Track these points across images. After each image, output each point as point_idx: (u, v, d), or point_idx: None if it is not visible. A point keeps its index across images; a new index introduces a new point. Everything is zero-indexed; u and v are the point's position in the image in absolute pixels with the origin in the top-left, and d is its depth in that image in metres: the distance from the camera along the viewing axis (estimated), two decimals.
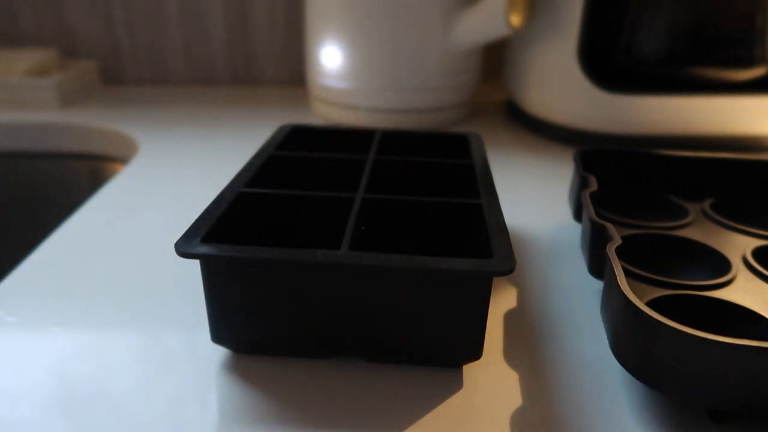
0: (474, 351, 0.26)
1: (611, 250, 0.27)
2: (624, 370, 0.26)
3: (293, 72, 0.76)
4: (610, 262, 0.26)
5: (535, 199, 0.45)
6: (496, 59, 0.72)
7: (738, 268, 0.30)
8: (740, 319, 0.26)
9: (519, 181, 0.48)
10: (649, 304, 0.27)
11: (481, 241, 0.27)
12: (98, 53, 0.76)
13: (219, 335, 0.26)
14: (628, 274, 0.29)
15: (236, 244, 0.25)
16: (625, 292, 0.23)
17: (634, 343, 0.23)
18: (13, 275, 0.34)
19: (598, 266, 0.30)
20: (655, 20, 0.52)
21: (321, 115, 0.63)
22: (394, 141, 0.40)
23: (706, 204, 0.37)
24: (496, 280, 0.34)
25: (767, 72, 0.52)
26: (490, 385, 0.26)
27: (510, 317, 0.31)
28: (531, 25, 0.56)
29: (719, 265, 0.31)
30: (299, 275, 0.25)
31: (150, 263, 0.35)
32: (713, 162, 0.39)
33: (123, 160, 0.60)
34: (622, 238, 0.29)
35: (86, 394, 0.25)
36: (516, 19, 0.52)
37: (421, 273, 0.24)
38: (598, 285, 0.33)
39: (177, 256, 0.25)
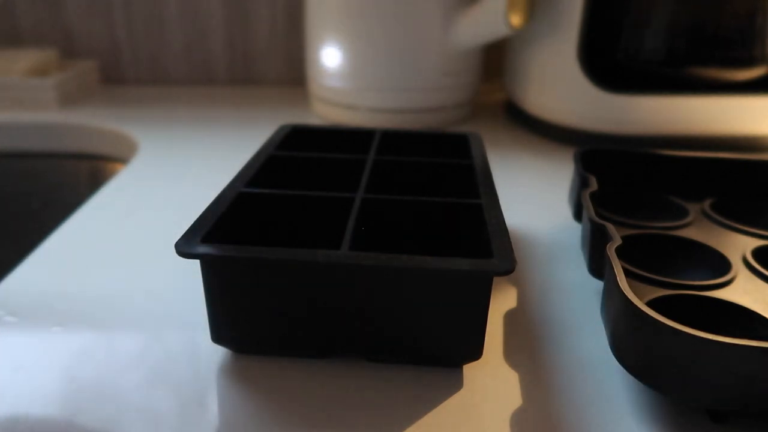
0: (474, 351, 0.26)
1: (611, 250, 0.27)
2: (624, 370, 0.26)
3: (293, 72, 0.76)
4: (610, 262, 0.26)
5: (535, 199, 0.45)
6: (496, 59, 0.72)
7: (738, 268, 0.30)
8: (740, 319, 0.26)
9: (519, 181, 0.48)
10: (649, 304, 0.27)
11: (481, 241, 0.27)
12: (98, 53, 0.76)
13: (219, 335, 0.26)
14: (628, 274, 0.29)
15: (236, 244, 0.25)
16: (625, 292, 0.23)
17: (634, 343, 0.23)
18: (13, 275, 0.34)
19: (598, 266, 0.30)
20: (655, 20, 0.52)
21: (321, 115, 0.63)
22: (394, 141, 0.40)
23: (706, 204, 0.37)
24: (496, 280, 0.34)
25: (767, 72, 0.52)
26: (490, 385, 0.26)
27: (510, 317, 0.31)
28: (531, 25, 0.56)
29: (719, 265, 0.31)
30: (299, 275, 0.25)
31: (150, 263, 0.35)
32: (713, 162, 0.39)
33: (123, 160, 0.60)
34: (622, 238, 0.29)
35: (86, 394, 0.25)
36: (516, 19, 0.52)
37: (421, 273, 0.24)
38: (598, 285, 0.33)
39: (177, 256, 0.25)
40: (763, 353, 0.20)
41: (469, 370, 0.27)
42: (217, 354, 0.27)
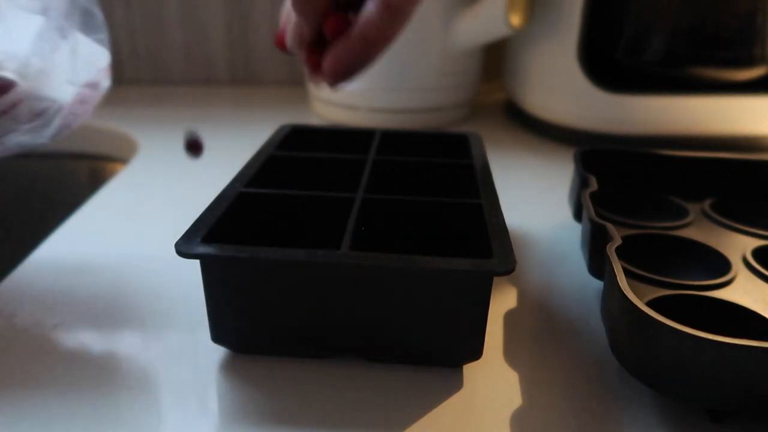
0: (474, 351, 0.26)
1: (611, 250, 0.27)
2: (624, 370, 0.26)
3: (293, 72, 0.76)
4: (610, 262, 0.26)
5: (535, 199, 0.45)
6: (496, 59, 0.72)
7: (738, 268, 0.30)
8: (740, 319, 0.26)
9: (519, 181, 0.48)
10: (649, 304, 0.27)
11: (481, 241, 0.27)
12: None
13: (219, 335, 0.26)
14: (628, 274, 0.29)
15: (236, 244, 0.25)
16: (625, 292, 0.23)
17: (634, 343, 0.23)
18: (13, 275, 0.34)
19: (598, 266, 0.30)
20: (655, 20, 0.52)
21: (321, 115, 0.63)
22: (394, 141, 0.40)
23: (706, 204, 0.37)
24: (496, 280, 0.34)
25: (767, 72, 0.52)
26: (490, 385, 0.26)
27: (510, 317, 0.31)
28: (531, 25, 0.56)
29: (719, 265, 0.31)
30: (299, 275, 0.25)
31: (150, 263, 0.35)
32: (713, 162, 0.39)
33: (123, 160, 0.60)
34: (622, 238, 0.29)
35: (86, 394, 0.25)
36: (516, 19, 0.52)
37: (422, 273, 0.24)
38: (598, 285, 0.33)
39: (177, 256, 0.25)
40: (763, 353, 0.20)
41: (469, 370, 0.27)
42: (217, 354, 0.27)
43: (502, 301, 0.32)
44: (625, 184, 0.40)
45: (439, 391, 0.25)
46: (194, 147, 0.48)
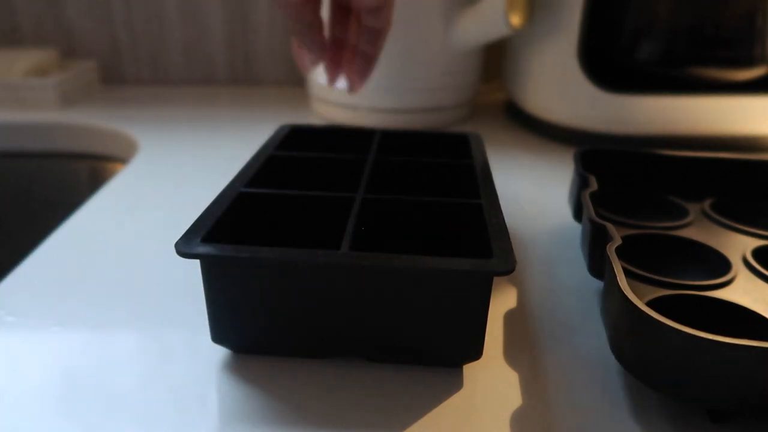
0: (474, 351, 0.26)
1: (611, 250, 0.27)
2: (624, 370, 0.26)
3: (293, 72, 0.76)
4: (610, 262, 0.26)
5: (535, 199, 0.45)
6: (496, 59, 0.72)
7: (738, 268, 0.30)
8: (740, 319, 0.26)
9: (519, 181, 0.48)
10: (649, 304, 0.27)
11: (481, 241, 0.27)
12: (98, 53, 0.75)
13: (219, 335, 0.26)
14: (628, 274, 0.29)
15: (236, 244, 0.25)
16: (625, 292, 0.23)
17: (634, 343, 0.23)
18: (13, 275, 0.34)
19: (598, 266, 0.30)
20: (655, 20, 0.52)
21: (321, 115, 0.63)
22: (394, 141, 0.40)
23: (706, 204, 0.37)
24: (496, 280, 0.34)
25: (767, 72, 0.52)
26: (490, 385, 0.26)
27: (510, 317, 0.31)
28: (531, 25, 0.56)
29: (719, 265, 0.31)
30: (299, 275, 0.25)
31: (150, 263, 0.35)
32: (713, 162, 0.39)
33: (123, 160, 0.60)
34: (622, 238, 0.29)
35: (86, 394, 0.25)
36: (516, 19, 0.52)
37: (421, 273, 0.24)
38: (598, 285, 0.33)
39: (177, 256, 0.25)
40: (764, 353, 0.20)
41: (469, 370, 0.27)
42: (217, 354, 0.27)
43: (502, 301, 0.32)
44: (625, 184, 0.40)
45: (439, 391, 0.25)
46: None
